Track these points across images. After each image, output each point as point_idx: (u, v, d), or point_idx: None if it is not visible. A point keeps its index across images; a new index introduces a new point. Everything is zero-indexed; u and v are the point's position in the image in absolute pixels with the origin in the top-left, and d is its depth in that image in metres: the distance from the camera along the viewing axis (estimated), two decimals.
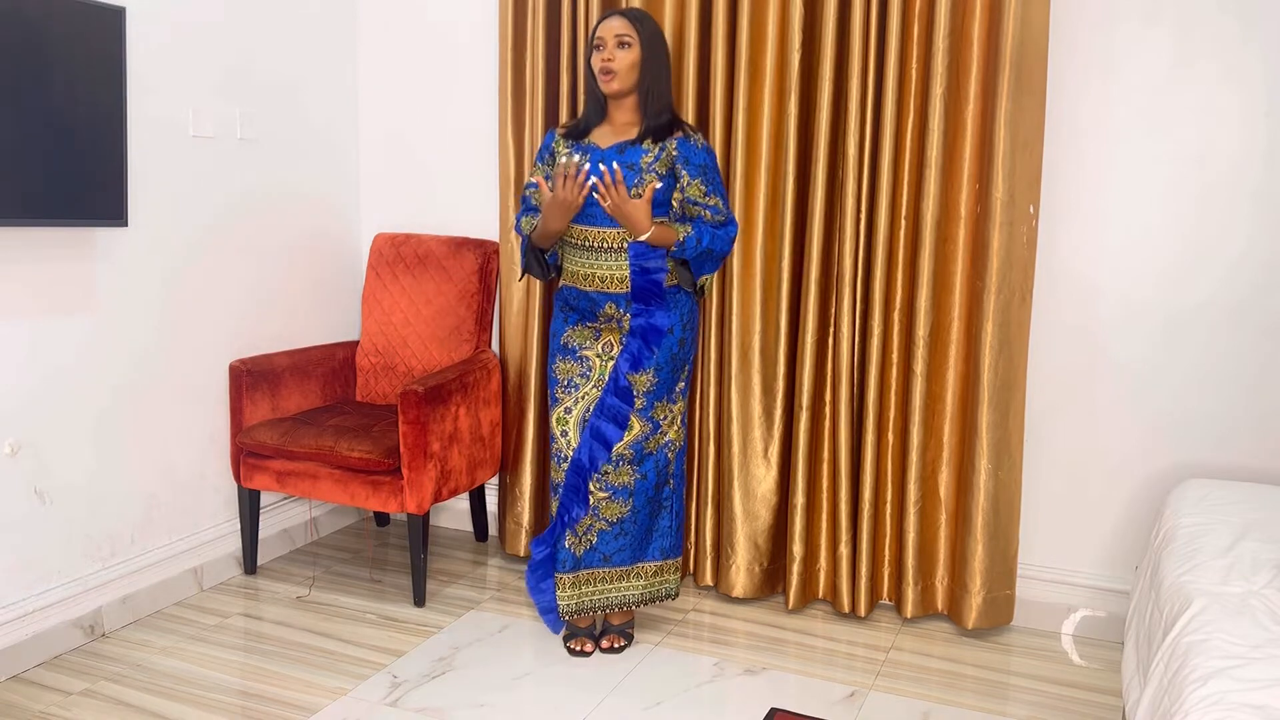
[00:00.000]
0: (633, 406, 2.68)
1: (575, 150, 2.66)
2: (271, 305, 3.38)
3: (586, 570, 2.74)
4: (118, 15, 2.60)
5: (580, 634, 2.80)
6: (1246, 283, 2.74)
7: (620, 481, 2.70)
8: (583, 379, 2.71)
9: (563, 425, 2.72)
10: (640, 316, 2.65)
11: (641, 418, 2.69)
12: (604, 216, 2.60)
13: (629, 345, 2.67)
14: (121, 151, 2.64)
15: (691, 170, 2.61)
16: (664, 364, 2.68)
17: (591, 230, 2.62)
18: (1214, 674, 1.56)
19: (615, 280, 2.63)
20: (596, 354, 2.70)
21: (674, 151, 2.61)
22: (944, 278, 2.88)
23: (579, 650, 2.77)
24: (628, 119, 2.67)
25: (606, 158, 2.61)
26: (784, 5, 2.92)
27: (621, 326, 2.68)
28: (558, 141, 2.73)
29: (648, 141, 2.62)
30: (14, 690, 2.54)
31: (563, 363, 2.74)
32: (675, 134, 2.63)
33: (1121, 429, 2.89)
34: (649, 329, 2.65)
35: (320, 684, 2.60)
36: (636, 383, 2.67)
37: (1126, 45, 2.78)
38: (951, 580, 2.98)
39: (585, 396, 2.70)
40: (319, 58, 3.52)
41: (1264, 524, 2.20)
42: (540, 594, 2.80)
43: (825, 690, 2.62)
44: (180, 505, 3.09)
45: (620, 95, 2.63)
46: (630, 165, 2.59)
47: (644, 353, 2.66)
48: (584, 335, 2.72)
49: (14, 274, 2.57)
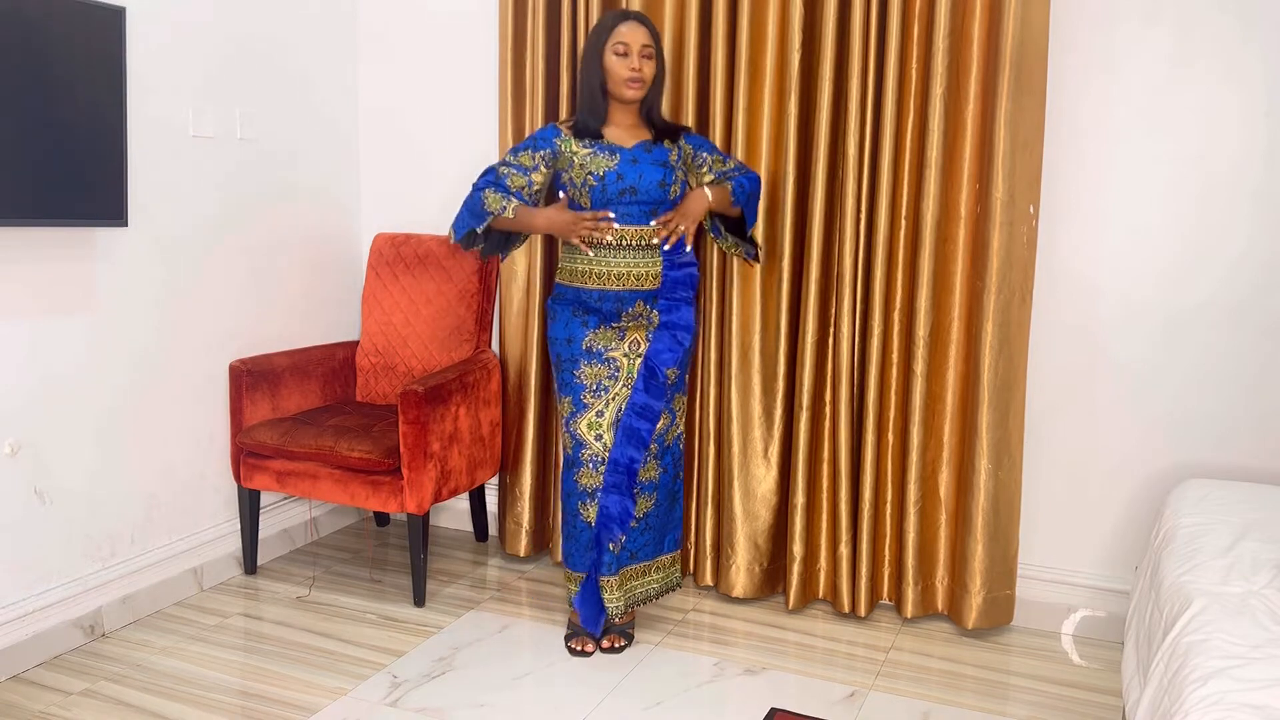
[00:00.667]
0: (665, 402, 2.74)
1: (598, 150, 2.66)
2: (271, 305, 3.38)
3: (623, 569, 2.79)
4: (118, 15, 2.60)
5: (581, 633, 2.80)
6: (1246, 283, 2.74)
7: (649, 476, 2.77)
8: (611, 380, 2.71)
9: (596, 429, 2.70)
10: (668, 312, 2.73)
11: (666, 410, 2.76)
12: (639, 214, 2.67)
13: (661, 339, 2.72)
14: (121, 151, 2.64)
15: (708, 151, 2.80)
16: (685, 358, 2.78)
17: (629, 229, 2.67)
18: (1214, 674, 1.56)
19: (650, 277, 2.69)
20: (624, 354, 2.72)
21: (686, 147, 2.78)
22: (944, 278, 2.88)
23: (580, 650, 2.77)
24: (632, 122, 2.74)
25: (638, 155, 2.68)
26: (784, 5, 2.92)
27: (650, 322, 2.73)
28: (567, 140, 2.70)
29: (666, 141, 2.74)
30: (14, 690, 2.54)
31: (588, 367, 2.72)
32: (680, 134, 2.79)
33: (1121, 429, 2.89)
34: (679, 324, 2.73)
35: (320, 684, 2.60)
36: (669, 377, 2.74)
37: (1126, 45, 2.78)
38: (951, 580, 2.98)
39: (616, 397, 2.71)
40: (319, 58, 3.52)
41: (1264, 524, 2.20)
42: (586, 605, 2.77)
43: (825, 690, 2.62)
44: (180, 505, 3.09)
45: (635, 102, 2.71)
46: (663, 163, 2.69)
47: (677, 348, 2.73)
48: (608, 337, 2.72)
49: (14, 274, 2.57)
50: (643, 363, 2.71)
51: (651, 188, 2.66)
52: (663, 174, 2.67)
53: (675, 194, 2.70)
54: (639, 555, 2.81)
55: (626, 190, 2.64)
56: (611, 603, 2.75)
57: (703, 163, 2.78)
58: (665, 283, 2.71)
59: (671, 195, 2.69)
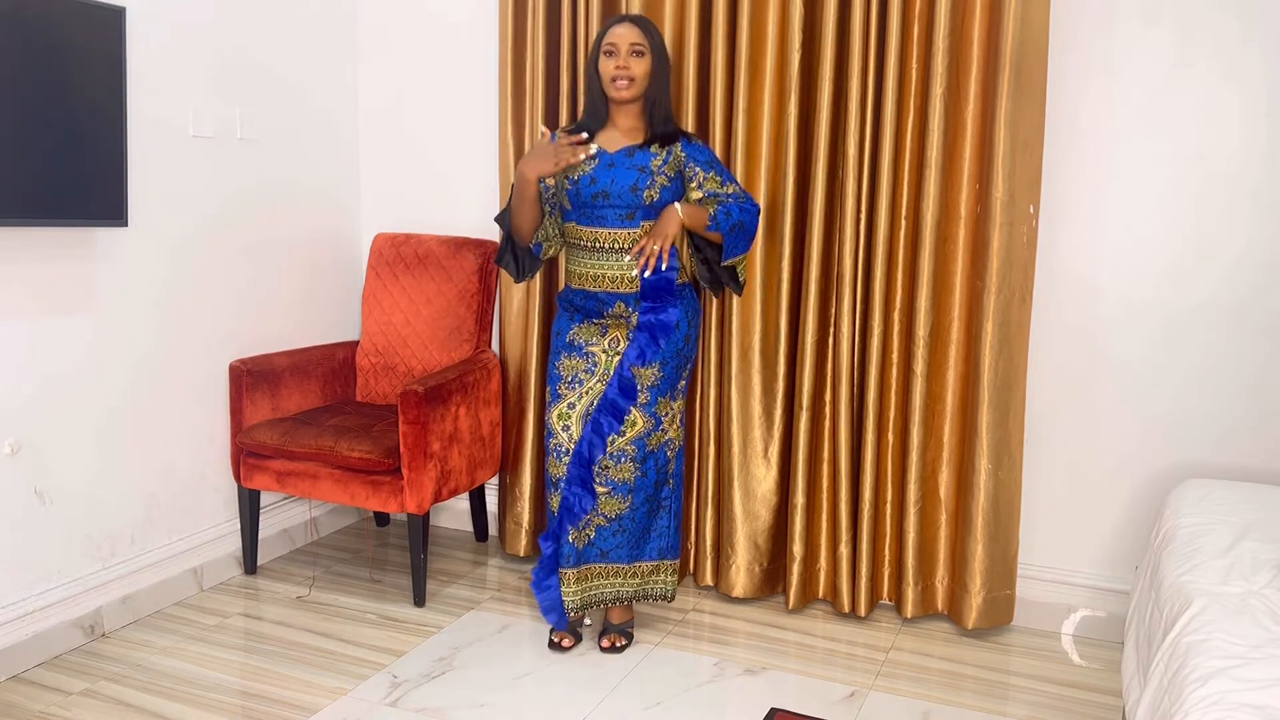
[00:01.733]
0: (635, 401, 2.69)
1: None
2: (271, 305, 3.38)
3: (586, 565, 2.75)
4: (118, 15, 2.60)
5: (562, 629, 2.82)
6: (1246, 283, 2.74)
7: (620, 477, 2.71)
8: (587, 374, 2.71)
9: (564, 420, 2.72)
10: (649, 313, 2.68)
11: (645, 413, 2.70)
12: (614, 218, 2.63)
13: (636, 339, 2.68)
14: (121, 151, 2.64)
15: (703, 166, 2.68)
16: (669, 358, 2.70)
17: (602, 232, 2.65)
18: (1214, 674, 1.56)
19: (625, 280, 2.66)
20: (603, 349, 2.71)
21: (680, 154, 2.68)
22: (944, 278, 2.88)
23: (558, 644, 2.79)
24: (631, 124, 2.69)
25: (616, 160, 2.64)
26: (784, 5, 2.92)
27: (630, 323, 2.70)
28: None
29: (655, 146, 2.66)
30: (14, 690, 2.54)
31: (567, 359, 2.74)
32: (678, 139, 2.69)
33: (1121, 429, 2.89)
34: (657, 324, 2.68)
35: (320, 684, 2.60)
36: (641, 376, 2.69)
37: (1126, 45, 2.78)
38: (951, 580, 2.98)
39: (590, 391, 2.71)
40: (319, 58, 3.52)
41: (1264, 524, 2.20)
42: (543, 591, 2.78)
43: (825, 690, 2.62)
44: (180, 505, 3.09)
45: (629, 102, 2.66)
46: (641, 167, 2.63)
47: (650, 347, 2.68)
48: (590, 332, 2.73)
49: (14, 274, 2.57)
50: (618, 360, 2.70)
51: (623, 192, 2.62)
52: (635, 178, 2.62)
53: (653, 199, 2.63)
54: (610, 555, 2.76)
55: (599, 194, 2.63)
56: (567, 595, 2.74)
57: (694, 176, 2.68)
58: (644, 286, 2.66)
59: (646, 200, 2.62)
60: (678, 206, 2.61)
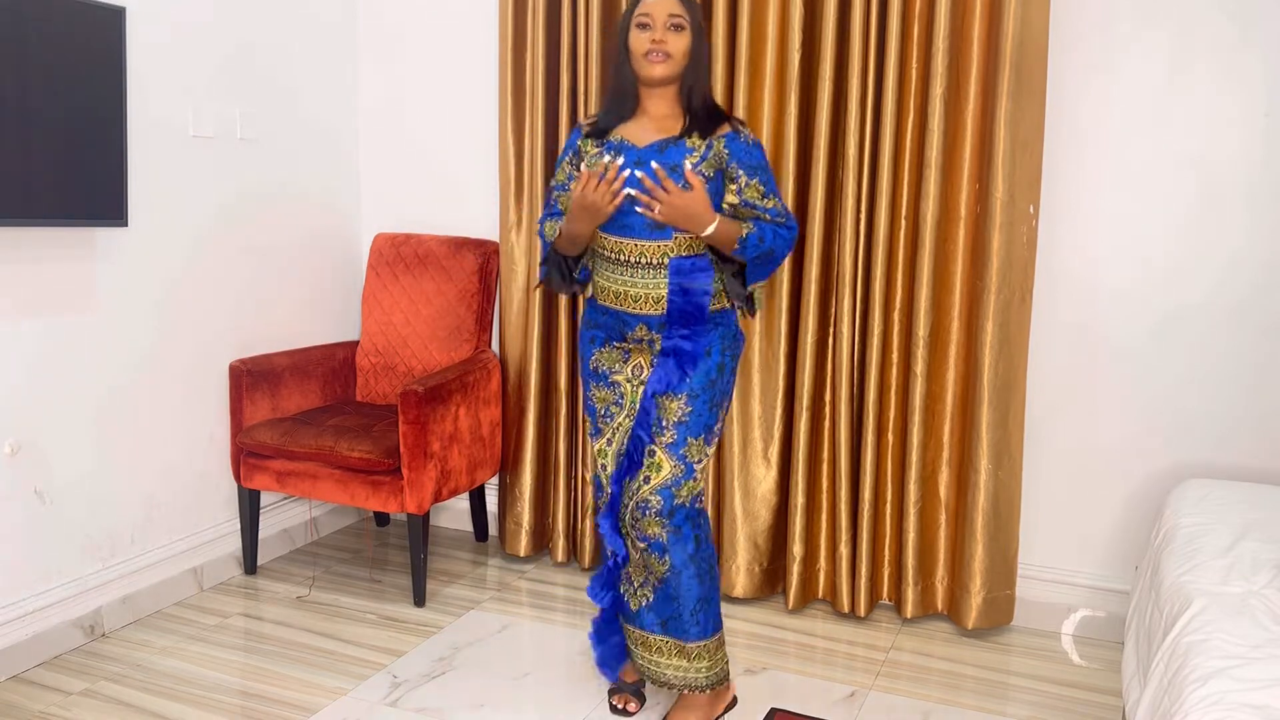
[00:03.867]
0: (658, 438, 2.29)
1: (607, 149, 2.28)
2: (271, 305, 3.38)
3: (640, 631, 2.38)
4: (118, 15, 2.60)
5: (625, 689, 2.52)
6: (1246, 282, 2.74)
7: (652, 533, 2.28)
8: (617, 408, 2.36)
9: (603, 459, 2.39)
10: (673, 339, 2.29)
11: (672, 455, 2.27)
12: (641, 227, 2.23)
13: (659, 365, 2.30)
14: (121, 151, 2.64)
15: (746, 170, 2.26)
16: (699, 390, 2.28)
17: (628, 243, 2.25)
18: (1214, 674, 1.56)
19: (651, 300, 2.26)
20: (626, 378, 2.35)
21: (723, 151, 2.25)
22: (944, 278, 2.88)
23: (621, 708, 2.48)
24: (666, 111, 2.29)
25: (645, 158, 2.23)
26: (784, 5, 2.92)
27: (653, 348, 2.32)
28: (585, 141, 2.35)
29: (693, 138, 2.25)
30: (14, 690, 2.54)
31: (597, 390, 2.39)
32: (722, 129, 2.28)
33: (1121, 429, 2.89)
34: (684, 351, 2.28)
35: (320, 684, 2.60)
36: (666, 410, 2.28)
37: (1126, 45, 2.78)
38: (951, 580, 2.98)
39: (620, 428, 2.35)
40: (319, 58, 3.52)
41: (1264, 524, 2.20)
42: (601, 644, 2.48)
43: (825, 690, 2.62)
44: (180, 505, 3.09)
45: (664, 83, 2.26)
46: (673, 166, 2.21)
47: (675, 374, 2.28)
48: (612, 358, 2.37)
49: (14, 274, 2.57)
50: (643, 390, 2.33)
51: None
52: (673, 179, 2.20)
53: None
54: (669, 627, 2.33)
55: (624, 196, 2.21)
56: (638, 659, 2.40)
57: (736, 177, 2.26)
58: (672, 311, 2.26)
59: None
60: (716, 218, 2.19)
